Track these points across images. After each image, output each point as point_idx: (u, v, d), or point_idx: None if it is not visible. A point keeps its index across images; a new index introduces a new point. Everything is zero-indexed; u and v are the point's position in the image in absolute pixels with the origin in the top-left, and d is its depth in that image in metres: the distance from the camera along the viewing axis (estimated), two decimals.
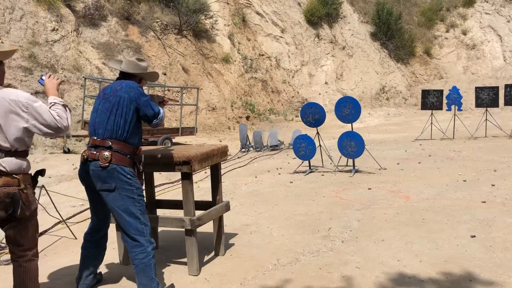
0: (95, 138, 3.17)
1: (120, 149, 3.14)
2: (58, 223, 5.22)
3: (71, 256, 4.26)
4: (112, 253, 4.09)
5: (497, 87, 13.05)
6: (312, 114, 8.21)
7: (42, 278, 3.67)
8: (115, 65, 3.49)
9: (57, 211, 5.05)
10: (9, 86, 11.45)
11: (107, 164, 3.07)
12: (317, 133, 8.62)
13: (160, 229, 4.65)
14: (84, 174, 3.22)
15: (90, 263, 3.44)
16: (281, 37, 21.97)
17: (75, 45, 14.38)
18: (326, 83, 22.29)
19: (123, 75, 3.40)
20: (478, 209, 5.22)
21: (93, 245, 3.43)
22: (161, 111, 3.33)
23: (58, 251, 4.48)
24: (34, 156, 9.74)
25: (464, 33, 25.70)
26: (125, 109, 3.15)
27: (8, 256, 4.22)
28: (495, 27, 25.48)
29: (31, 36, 13.27)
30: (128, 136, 3.18)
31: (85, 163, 3.18)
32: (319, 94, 21.52)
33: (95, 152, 3.12)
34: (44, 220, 5.08)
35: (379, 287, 3.32)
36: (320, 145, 8.56)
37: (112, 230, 3.82)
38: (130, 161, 3.20)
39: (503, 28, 25.22)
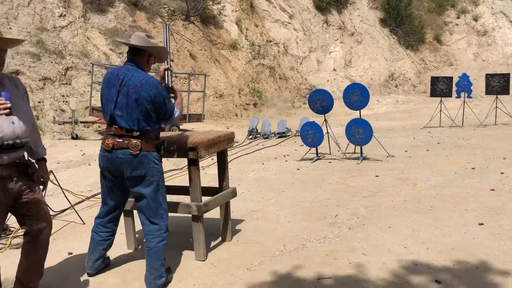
0: (119, 128, 3.15)
1: (147, 135, 3.18)
2: (67, 208, 5.27)
3: (80, 241, 4.30)
4: (120, 238, 4.12)
5: (508, 74, 12.87)
6: (320, 101, 8.16)
7: (51, 262, 3.71)
8: (124, 40, 3.39)
9: (65, 196, 5.09)
10: (17, 72, 11.50)
11: (138, 152, 3.12)
12: (325, 120, 8.57)
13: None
14: (109, 162, 3.20)
15: (100, 248, 3.48)
16: (289, 23, 21.79)
17: (82, 31, 14.36)
18: (334, 69, 22.13)
19: (132, 53, 3.29)
20: (487, 197, 5.18)
21: (104, 229, 3.47)
22: (176, 112, 3.34)
23: (66, 236, 4.52)
24: (43, 142, 9.78)
25: (475, 19, 25.33)
26: (146, 106, 3.13)
27: (18, 240, 4.27)
28: (507, 13, 25.06)
29: (39, 22, 13.27)
30: (152, 125, 3.21)
31: (111, 151, 3.16)
32: (327, 81, 21.39)
33: (121, 140, 3.12)
34: (52, 205, 5.13)
35: (385, 274, 3.32)
36: (327, 132, 8.53)
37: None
38: (156, 145, 3.27)
39: None
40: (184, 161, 7.79)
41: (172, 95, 3.49)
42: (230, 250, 3.93)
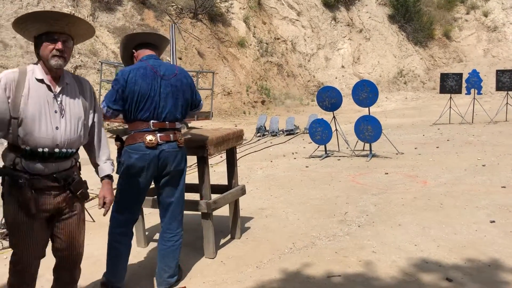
0: (162, 121, 3.04)
1: (180, 130, 3.24)
2: None
3: (90, 239, 4.32)
4: None
5: None
6: (329, 98, 8.13)
7: None
8: (153, 31, 3.34)
9: None
10: None
11: (183, 144, 3.17)
12: (334, 117, 8.54)
13: None
14: (152, 160, 3.02)
15: (127, 258, 3.24)
16: (297, 20, 21.71)
17: None
18: (342, 66, 22.03)
19: (153, 47, 3.21)
20: (498, 194, 5.13)
21: (128, 238, 3.22)
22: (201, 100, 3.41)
23: None
24: None
25: (485, 15, 25.05)
26: (188, 93, 3.18)
27: None
28: None
29: None
30: (184, 118, 3.27)
31: (155, 148, 3.01)
32: (336, 78, 21.30)
33: (163, 134, 3.03)
34: None
35: (395, 272, 3.30)
36: (336, 130, 8.49)
37: None
38: None
39: None
40: (193, 159, 7.80)
41: None
42: (239, 248, 3.93)
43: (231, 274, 3.40)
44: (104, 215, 2.67)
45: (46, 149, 2.23)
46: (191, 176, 6.79)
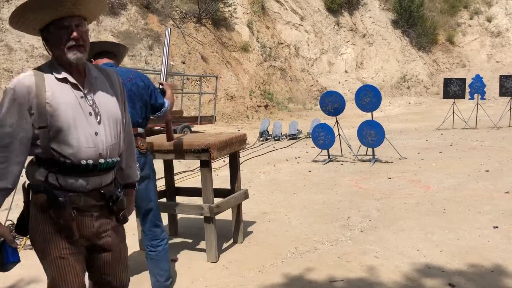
0: None
1: (144, 135, 3.16)
2: None
3: None
4: (132, 239, 4.14)
5: None
6: (332, 103, 8.13)
7: None
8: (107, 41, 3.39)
9: None
10: None
11: (145, 150, 3.09)
12: (337, 122, 8.54)
13: (179, 216, 4.69)
14: None
15: None
16: (301, 25, 21.76)
17: (95, 33, 14.49)
18: (346, 71, 22.05)
19: (109, 55, 3.19)
20: (501, 200, 5.12)
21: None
22: (166, 103, 3.20)
23: None
24: None
25: (489, 20, 25.04)
26: (146, 96, 3.10)
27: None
28: None
29: None
30: (147, 123, 3.18)
31: None
32: (339, 82, 21.31)
33: None
34: None
35: (398, 277, 3.30)
36: (339, 134, 8.50)
37: (131, 217, 3.86)
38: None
39: None
40: (196, 163, 7.82)
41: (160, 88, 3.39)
42: (242, 252, 3.93)
43: (234, 278, 3.40)
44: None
45: (90, 161, 1.82)
46: (194, 180, 6.80)
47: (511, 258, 3.52)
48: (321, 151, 8.49)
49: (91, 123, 1.84)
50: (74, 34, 1.80)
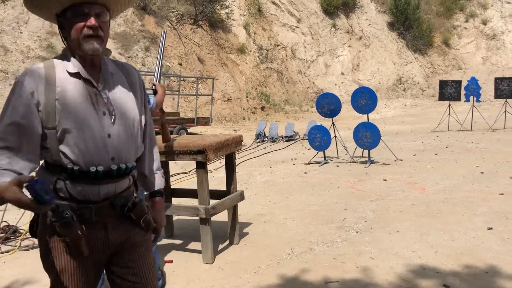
0: None
1: None
2: None
3: None
4: None
5: None
6: (328, 105, 8.16)
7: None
8: None
9: None
10: None
11: None
12: (333, 123, 8.57)
13: (175, 217, 4.70)
14: None
15: None
16: (297, 27, 21.82)
17: None
18: (342, 73, 22.11)
19: None
20: (496, 201, 5.15)
21: None
22: (152, 101, 3.08)
23: None
24: None
25: (484, 23, 25.19)
26: None
27: (28, 242, 4.31)
28: None
29: (49, 26, 13.40)
30: None
31: None
32: (335, 84, 21.36)
33: None
34: None
35: (393, 278, 3.31)
36: (335, 136, 8.52)
37: None
38: None
39: None
40: (192, 164, 7.82)
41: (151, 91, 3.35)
42: (238, 253, 3.93)
43: (229, 280, 3.41)
44: (154, 246, 2.14)
45: (100, 168, 1.63)
46: (190, 182, 6.80)
47: (505, 259, 3.54)
48: (317, 153, 8.51)
49: (103, 124, 1.65)
50: (92, 21, 1.60)
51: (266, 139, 11.84)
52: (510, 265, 3.44)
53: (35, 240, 2.98)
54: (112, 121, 1.67)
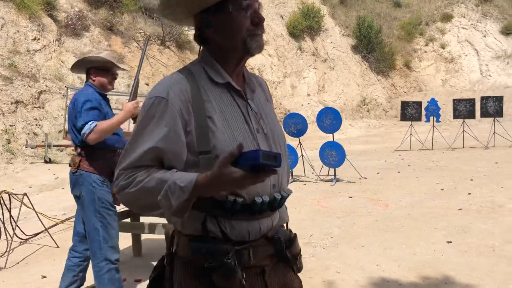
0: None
1: (90, 154, 2.99)
2: (41, 232, 5.20)
3: (53, 264, 4.25)
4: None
5: (474, 99, 13.41)
6: (294, 125, 8.33)
7: (25, 286, 3.66)
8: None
9: (39, 219, 5.03)
10: None
11: (76, 169, 3.00)
12: (300, 143, 8.73)
13: (143, 236, 4.66)
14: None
15: (70, 274, 3.25)
16: (264, 49, 22.19)
17: (57, 54, 14.32)
18: (308, 94, 22.54)
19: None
20: (455, 216, 5.37)
21: (74, 254, 3.27)
22: (92, 124, 2.86)
23: (40, 260, 4.46)
24: (14, 165, 9.64)
25: (443, 46, 26.33)
26: (72, 116, 3.01)
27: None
28: (472, 41, 26.17)
29: (12, 45, 13.18)
30: (80, 143, 3.01)
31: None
32: (302, 105, 21.74)
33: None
34: (25, 229, 5.06)
35: None
36: (302, 155, 8.67)
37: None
38: (104, 168, 3.00)
39: (479, 43, 25.93)
40: None
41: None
42: None
43: None
44: None
45: (266, 198, 1.32)
46: None
47: (463, 271, 3.71)
48: None
49: (260, 144, 1.35)
50: (260, 15, 1.31)
51: None
52: (466, 275, 3.61)
53: None
54: (265, 140, 1.38)
